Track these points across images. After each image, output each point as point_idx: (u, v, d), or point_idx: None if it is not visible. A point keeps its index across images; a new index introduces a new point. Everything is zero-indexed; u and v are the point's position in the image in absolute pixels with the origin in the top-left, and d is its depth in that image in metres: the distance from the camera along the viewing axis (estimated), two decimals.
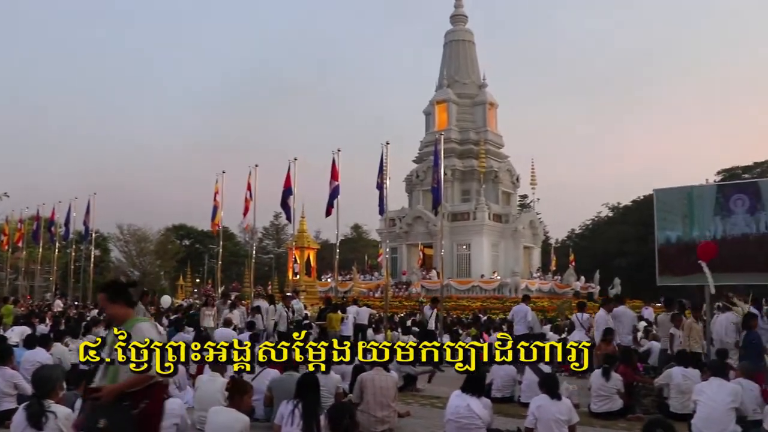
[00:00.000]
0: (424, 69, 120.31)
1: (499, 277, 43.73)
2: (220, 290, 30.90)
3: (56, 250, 39.91)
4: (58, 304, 30.09)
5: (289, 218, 24.83)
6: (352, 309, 18.75)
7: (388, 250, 38.30)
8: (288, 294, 20.86)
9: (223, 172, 27.17)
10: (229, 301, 20.42)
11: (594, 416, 10.14)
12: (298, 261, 37.40)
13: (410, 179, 52.23)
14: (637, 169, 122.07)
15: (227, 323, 16.99)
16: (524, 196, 63.73)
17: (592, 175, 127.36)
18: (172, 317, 20.51)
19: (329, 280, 42.43)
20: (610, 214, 75.49)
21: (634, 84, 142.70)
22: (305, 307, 22.97)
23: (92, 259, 36.91)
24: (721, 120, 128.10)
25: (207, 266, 64.56)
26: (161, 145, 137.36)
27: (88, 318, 20.57)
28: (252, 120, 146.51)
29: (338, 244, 24.04)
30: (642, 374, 11.91)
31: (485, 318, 26.11)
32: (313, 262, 39.22)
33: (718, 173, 62.50)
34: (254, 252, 34.14)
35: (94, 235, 36.41)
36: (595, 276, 49.25)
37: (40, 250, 41.04)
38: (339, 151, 21.87)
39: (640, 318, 30.40)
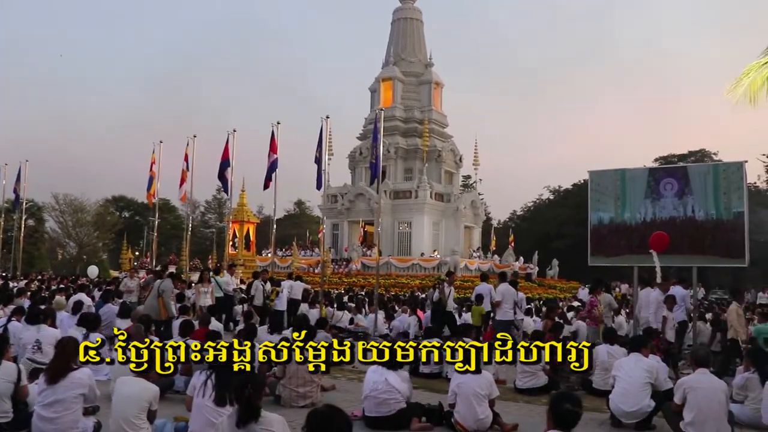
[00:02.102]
0: (373, 46, 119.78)
1: (438, 256, 43.98)
2: (155, 263, 30.36)
3: None
4: None
5: (226, 191, 24.44)
6: (286, 283, 18.60)
7: (326, 226, 38.22)
8: (218, 266, 20.58)
9: (161, 142, 26.57)
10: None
11: (519, 392, 10.30)
12: (238, 235, 36.93)
13: (353, 156, 51.95)
14: (580, 155, 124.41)
15: None
16: (467, 177, 64.28)
17: (536, 159, 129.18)
18: (104, 288, 20.09)
19: (269, 254, 42.08)
20: (551, 197, 76.53)
21: (581, 74, 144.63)
22: (242, 282, 22.76)
23: (22, 229, 35.76)
24: (660, 110, 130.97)
25: (146, 239, 63.41)
26: (101, 115, 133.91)
27: (15, 288, 20.00)
28: (194, 92, 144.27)
29: (276, 218, 23.73)
30: None
31: (422, 296, 26.22)
32: (252, 237, 38.77)
33: (656, 160, 64.02)
34: (192, 225, 33.57)
35: (26, 204, 35.23)
36: (533, 257, 50.04)
37: None
38: (279, 123, 21.55)
39: (575, 298, 31.12)
